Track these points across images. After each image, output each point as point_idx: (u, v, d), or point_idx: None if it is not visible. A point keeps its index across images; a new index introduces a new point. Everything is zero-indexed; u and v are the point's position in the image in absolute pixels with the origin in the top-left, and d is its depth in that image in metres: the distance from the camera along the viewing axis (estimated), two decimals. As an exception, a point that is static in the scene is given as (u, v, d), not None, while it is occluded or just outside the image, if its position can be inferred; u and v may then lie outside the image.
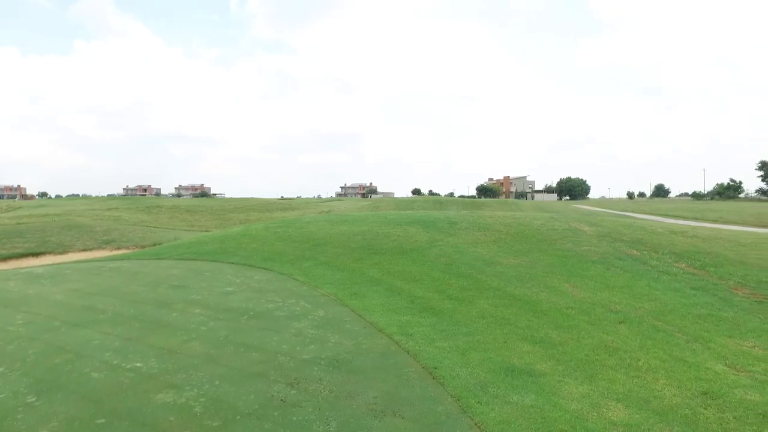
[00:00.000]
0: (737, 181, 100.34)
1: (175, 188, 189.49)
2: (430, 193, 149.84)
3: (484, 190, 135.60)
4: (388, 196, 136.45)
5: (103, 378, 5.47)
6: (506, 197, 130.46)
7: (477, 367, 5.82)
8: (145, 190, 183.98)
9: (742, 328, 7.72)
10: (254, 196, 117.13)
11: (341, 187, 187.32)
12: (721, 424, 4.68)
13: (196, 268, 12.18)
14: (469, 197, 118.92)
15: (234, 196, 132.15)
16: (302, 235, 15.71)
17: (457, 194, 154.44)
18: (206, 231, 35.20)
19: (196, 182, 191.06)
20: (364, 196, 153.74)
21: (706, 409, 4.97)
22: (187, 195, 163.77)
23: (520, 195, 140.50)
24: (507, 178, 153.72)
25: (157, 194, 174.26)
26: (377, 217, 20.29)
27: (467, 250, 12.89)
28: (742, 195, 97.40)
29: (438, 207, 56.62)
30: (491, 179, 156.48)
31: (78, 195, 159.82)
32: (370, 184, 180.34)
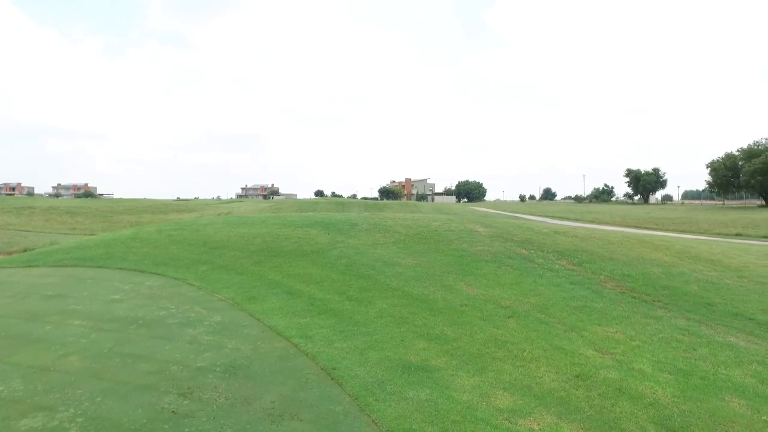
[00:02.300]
0: (610, 187, 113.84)
1: (53, 187, 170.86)
2: (333, 194, 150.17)
3: (386, 192, 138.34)
4: (291, 198, 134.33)
5: (-44, 403, 4.81)
6: (407, 199, 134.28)
7: (375, 365, 5.96)
8: (14, 189, 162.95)
9: (608, 316, 8.68)
10: (147, 197, 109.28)
11: (242, 189, 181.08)
12: (588, 401, 5.28)
13: (76, 275, 11.10)
14: (371, 199, 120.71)
15: (124, 197, 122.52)
16: (199, 238, 14.97)
17: (359, 196, 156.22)
18: (91, 234, 32.20)
19: (79, 181, 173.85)
20: (265, 197, 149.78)
21: (577, 389, 5.55)
22: (68, 195, 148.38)
23: (421, 197, 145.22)
24: (408, 180, 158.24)
25: (30, 194, 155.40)
26: (278, 219, 19.90)
27: (367, 252, 13.09)
28: (614, 198, 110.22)
29: (340, 208, 56.82)
30: (393, 181, 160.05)
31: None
32: (272, 185, 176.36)
